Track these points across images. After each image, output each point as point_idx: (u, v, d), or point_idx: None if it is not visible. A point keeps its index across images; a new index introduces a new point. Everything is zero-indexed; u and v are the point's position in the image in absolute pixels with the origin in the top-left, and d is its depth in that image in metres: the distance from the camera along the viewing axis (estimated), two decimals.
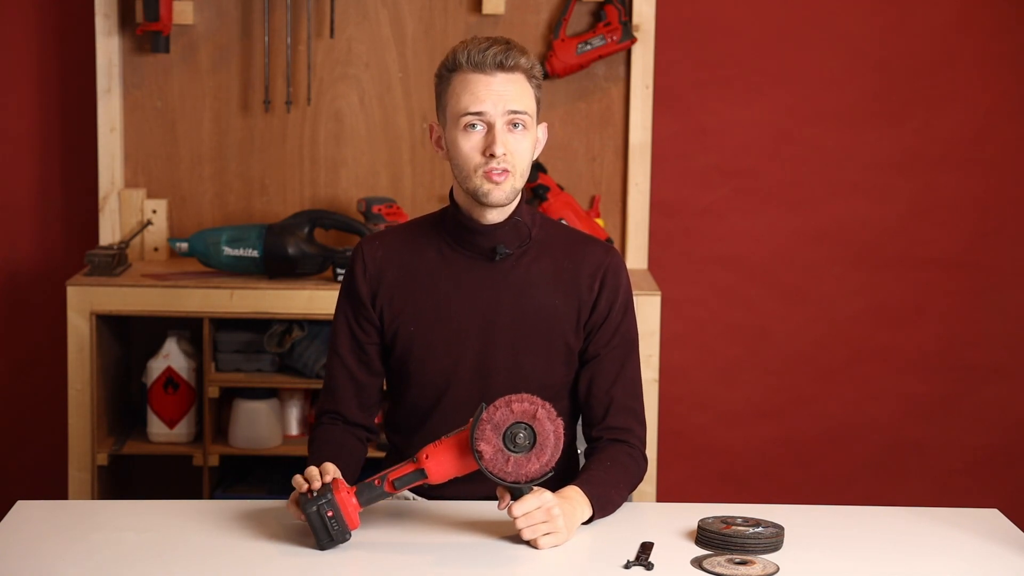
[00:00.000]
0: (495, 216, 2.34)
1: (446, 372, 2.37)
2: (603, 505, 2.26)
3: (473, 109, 2.27)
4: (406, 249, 2.40)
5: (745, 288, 3.84)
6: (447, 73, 2.31)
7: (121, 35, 3.56)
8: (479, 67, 2.27)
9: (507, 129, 2.28)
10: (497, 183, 2.28)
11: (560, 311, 2.37)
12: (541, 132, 2.37)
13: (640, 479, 2.37)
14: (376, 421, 2.48)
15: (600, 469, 2.31)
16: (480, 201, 2.31)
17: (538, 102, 2.33)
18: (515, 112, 2.27)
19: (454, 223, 2.37)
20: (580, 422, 2.48)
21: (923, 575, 2.10)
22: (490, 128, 2.27)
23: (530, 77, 2.30)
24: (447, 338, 2.36)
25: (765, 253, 3.82)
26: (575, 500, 2.21)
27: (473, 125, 2.28)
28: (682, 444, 3.84)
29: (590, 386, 2.39)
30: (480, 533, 2.20)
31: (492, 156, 2.26)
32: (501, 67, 2.27)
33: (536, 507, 2.12)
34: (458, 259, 2.38)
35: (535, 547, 2.13)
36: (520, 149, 2.29)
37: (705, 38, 3.74)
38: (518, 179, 2.30)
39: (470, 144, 2.28)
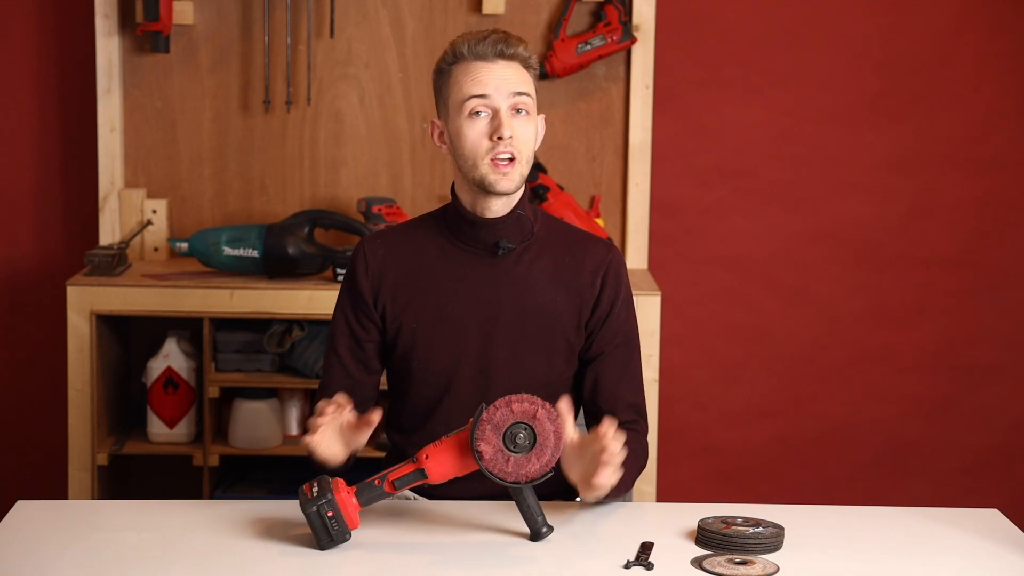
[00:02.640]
0: (499, 208, 2.34)
1: (448, 369, 2.37)
2: (617, 485, 2.25)
3: (477, 92, 2.28)
4: (408, 247, 2.40)
5: (745, 288, 3.84)
6: (447, 66, 2.32)
7: (121, 35, 3.56)
8: (480, 55, 2.29)
9: (511, 114, 2.29)
10: (504, 173, 2.29)
11: (561, 308, 2.37)
12: (540, 124, 2.38)
13: (645, 462, 2.37)
14: None
15: None
16: (487, 190, 2.30)
17: (536, 93, 2.34)
18: (519, 94, 2.29)
19: (456, 218, 2.37)
20: (579, 418, 2.48)
21: (923, 575, 2.10)
22: (495, 113, 2.29)
23: (528, 67, 2.33)
24: (449, 335, 2.36)
25: (765, 253, 3.82)
26: None
27: (478, 112, 2.29)
28: (682, 444, 3.84)
29: (595, 384, 2.40)
30: (480, 533, 2.20)
31: (500, 139, 2.27)
32: (502, 55, 2.29)
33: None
34: (460, 256, 2.38)
35: (595, 485, 2.11)
36: (525, 134, 2.30)
37: (705, 38, 3.74)
38: (524, 165, 2.31)
39: (476, 130, 2.29)
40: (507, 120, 2.28)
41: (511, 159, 2.29)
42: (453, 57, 2.31)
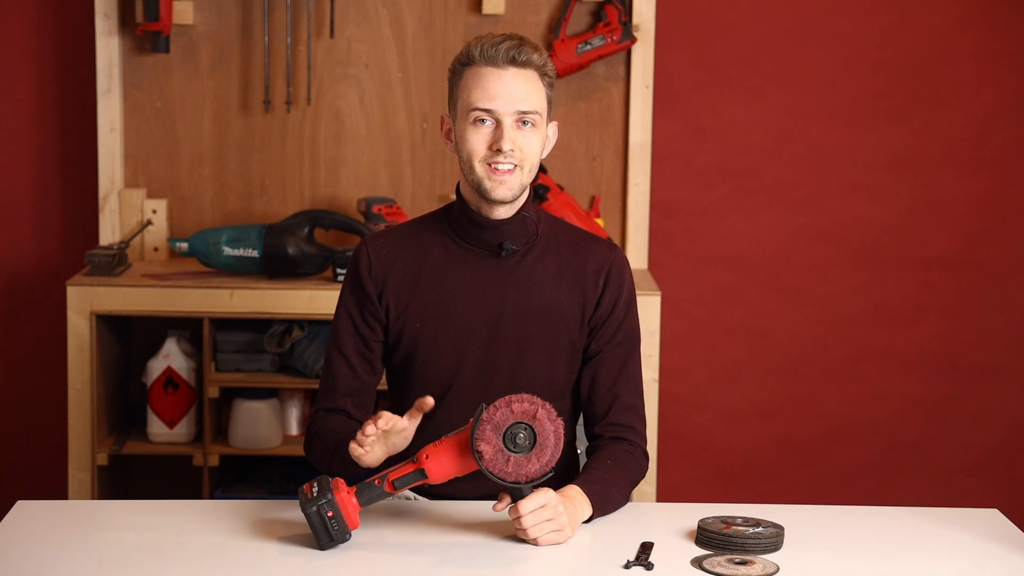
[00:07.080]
0: (502, 212, 2.34)
1: (451, 369, 2.37)
2: (603, 504, 2.26)
3: (482, 105, 2.28)
4: (411, 246, 2.40)
5: (745, 288, 3.84)
6: (460, 68, 2.32)
7: (121, 35, 3.56)
8: (491, 61, 2.28)
9: (516, 127, 2.29)
10: (501, 181, 2.29)
11: (565, 308, 2.37)
12: (552, 131, 2.37)
13: (641, 476, 2.38)
14: None
15: (601, 468, 2.31)
16: (484, 196, 2.31)
17: (549, 101, 2.33)
18: (525, 112, 2.28)
19: (460, 217, 2.37)
20: (580, 421, 2.48)
21: (923, 575, 2.10)
22: (499, 124, 2.28)
23: (542, 75, 2.31)
24: (453, 335, 2.36)
25: (765, 253, 3.82)
26: (576, 499, 2.22)
27: (482, 120, 2.28)
28: (682, 444, 3.84)
29: (593, 383, 2.40)
30: (480, 533, 2.20)
31: (499, 151, 2.27)
32: (514, 62, 2.28)
33: (541, 505, 2.12)
34: (463, 256, 2.38)
35: (536, 544, 2.13)
36: (529, 145, 2.30)
37: (705, 38, 3.74)
38: (526, 175, 2.31)
39: (478, 137, 2.29)
40: (509, 133, 2.28)
41: (512, 167, 2.29)
42: (467, 59, 2.30)
